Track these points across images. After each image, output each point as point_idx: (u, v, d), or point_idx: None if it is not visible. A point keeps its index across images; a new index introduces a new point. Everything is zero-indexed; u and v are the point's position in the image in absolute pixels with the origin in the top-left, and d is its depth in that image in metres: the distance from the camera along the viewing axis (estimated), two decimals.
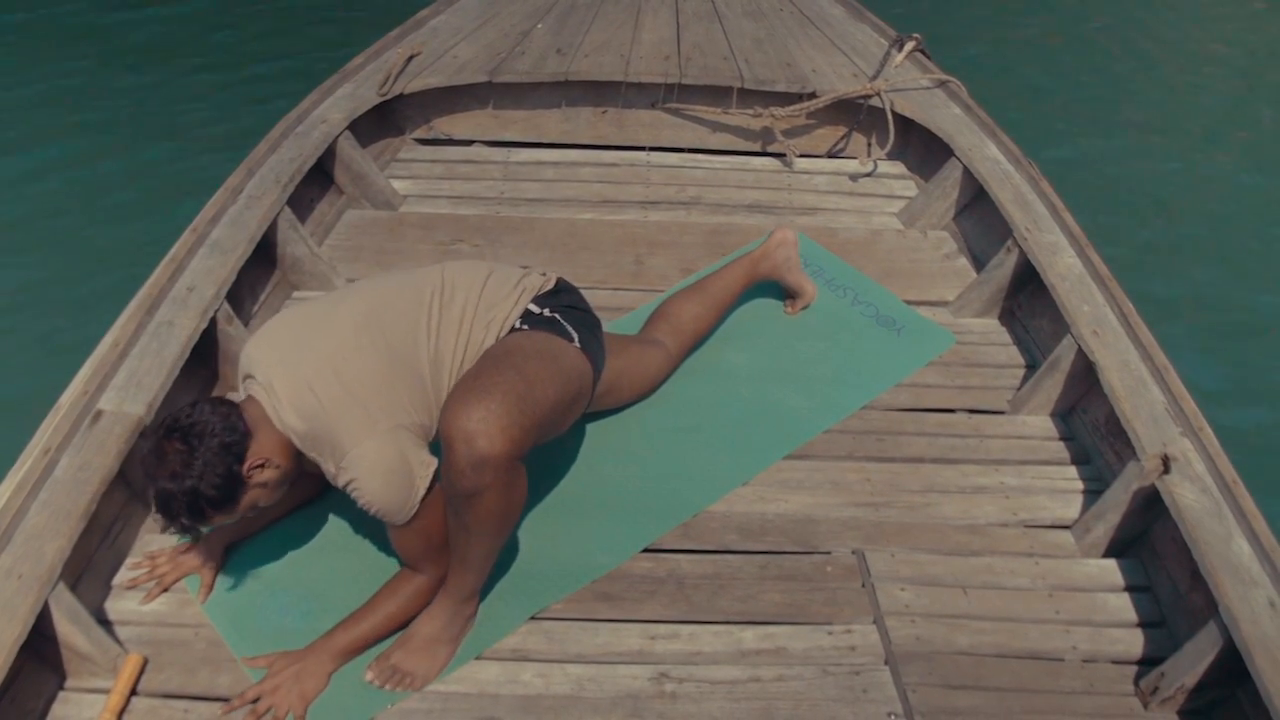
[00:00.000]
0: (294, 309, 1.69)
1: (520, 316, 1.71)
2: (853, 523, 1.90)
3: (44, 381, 2.05)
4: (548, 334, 1.69)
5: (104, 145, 4.29)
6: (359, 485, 1.52)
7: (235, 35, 5.28)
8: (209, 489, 1.47)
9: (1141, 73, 5.29)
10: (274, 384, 1.55)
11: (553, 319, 1.73)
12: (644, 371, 2.06)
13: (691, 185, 2.88)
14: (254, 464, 1.52)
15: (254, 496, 1.55)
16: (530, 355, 1.60)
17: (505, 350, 1.61)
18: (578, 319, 1.77)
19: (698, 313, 2.18)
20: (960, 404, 2.19)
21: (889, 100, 2.86)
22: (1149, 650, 1.69)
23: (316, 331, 1.59)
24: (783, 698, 1.60)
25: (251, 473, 1.52)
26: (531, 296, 1.75)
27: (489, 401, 1.45)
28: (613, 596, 1.76)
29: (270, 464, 1.54)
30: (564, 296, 1.81)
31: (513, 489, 1.51)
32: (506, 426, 1.44)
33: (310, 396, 1.53)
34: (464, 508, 1.50)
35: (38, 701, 1.54)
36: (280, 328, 1.64)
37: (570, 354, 1.70)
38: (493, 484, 1.46)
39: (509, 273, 1.78)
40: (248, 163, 2.50)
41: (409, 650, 1.61)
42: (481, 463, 1.43)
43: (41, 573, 1.53)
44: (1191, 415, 1.88)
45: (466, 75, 2.93)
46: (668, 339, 2.12)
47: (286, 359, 1.57)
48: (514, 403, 1.47)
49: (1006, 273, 2.39)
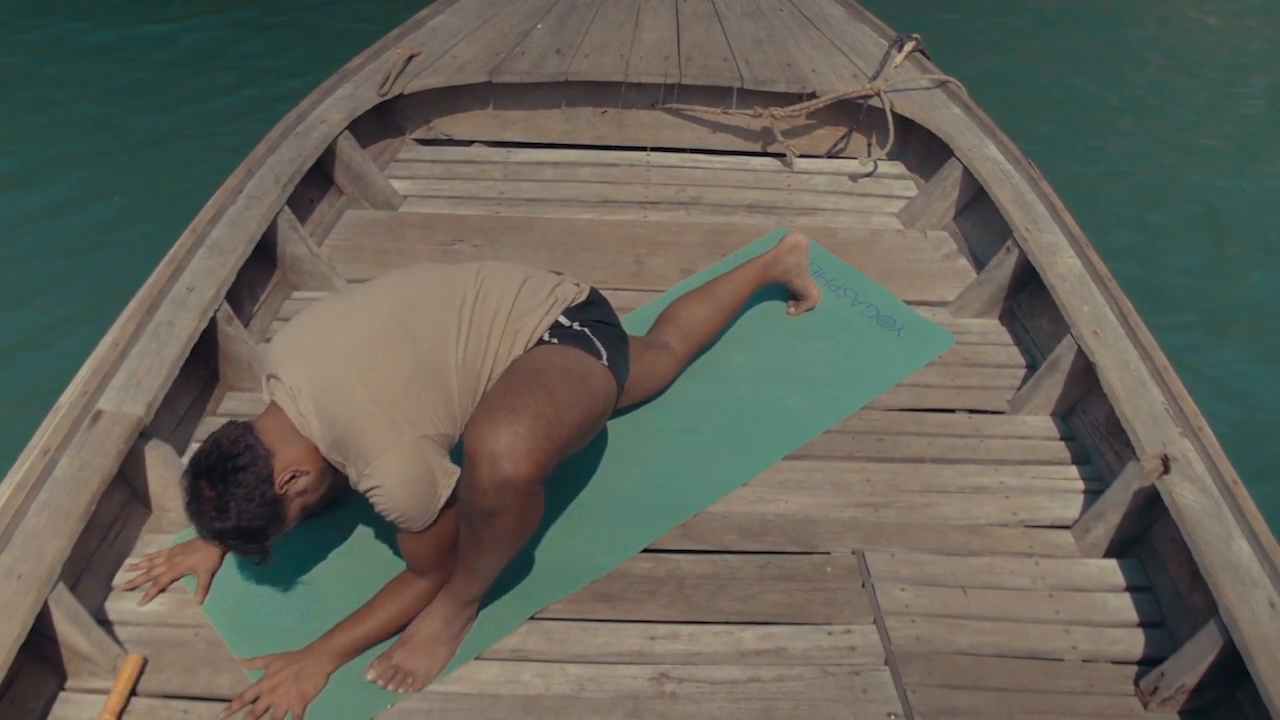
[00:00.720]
0: (321, 305, 1.66)
1: (550, 328, 1.69)
2: (853, 523, 1.90)
3: (43, 381, 2.06)
4: (578, 351, 1.67)
5: (103, 145, 4.29)
6: (382, 493, 1.51)
7: (235, 35, 5.28)
8: (251, 521, 1.49)
9: (1141, 72, 5.29)
10: (299, 388, 1.53)
11: (582, 334, 1.71)
12: (651, 376, 2.05)
13: (691, 185, 2.88)
14: (284, 479, 1.51)
15: (299, 505, 1.56)
16: (560, 376, 1.58)
17: (535, 368, 1.59)
18: (606, 334, 1.75)
19: (706, 316, 2.17)
20: (960, 404, 2.19)
21: (889, 100, 2.86)
22: (1149, 650, 1.69)
23: (343, 333, 1.57)
24: (783, 698, 1.60)
25: (286, 488, 1.51)
26: (563, 308, 1.73)
27: (518, 424, 1.44)
28: (612, 597, 1.76)
29: (301, 472, 1.53)
30: (594, 310, 1.79)
31: (530, 510, 1.51)
32: (532, 450, 1.44)
33: (335, 403, 1.51)
34: (481, 525, 1.49)
35: (37, 702, 1.54)
36: (307, 326, 1.61)
37: (598, 373, 1.67)
38: (513, 505, 1.46)
39: (543, 280, 1.75)
40: (247, 163, 2.50)
41: (409, 650, 1.61)
42: (505, 485, 1.43)
43: (41, 573, 1.53)
44: (1191, 415, 1.88)
45: (466, 75, 2.93)
46: (675, 343, 2.11)
47: (312, 361, 1.54)
48: (542, 426, 1.46)
49: (1006, 273, 2.39)
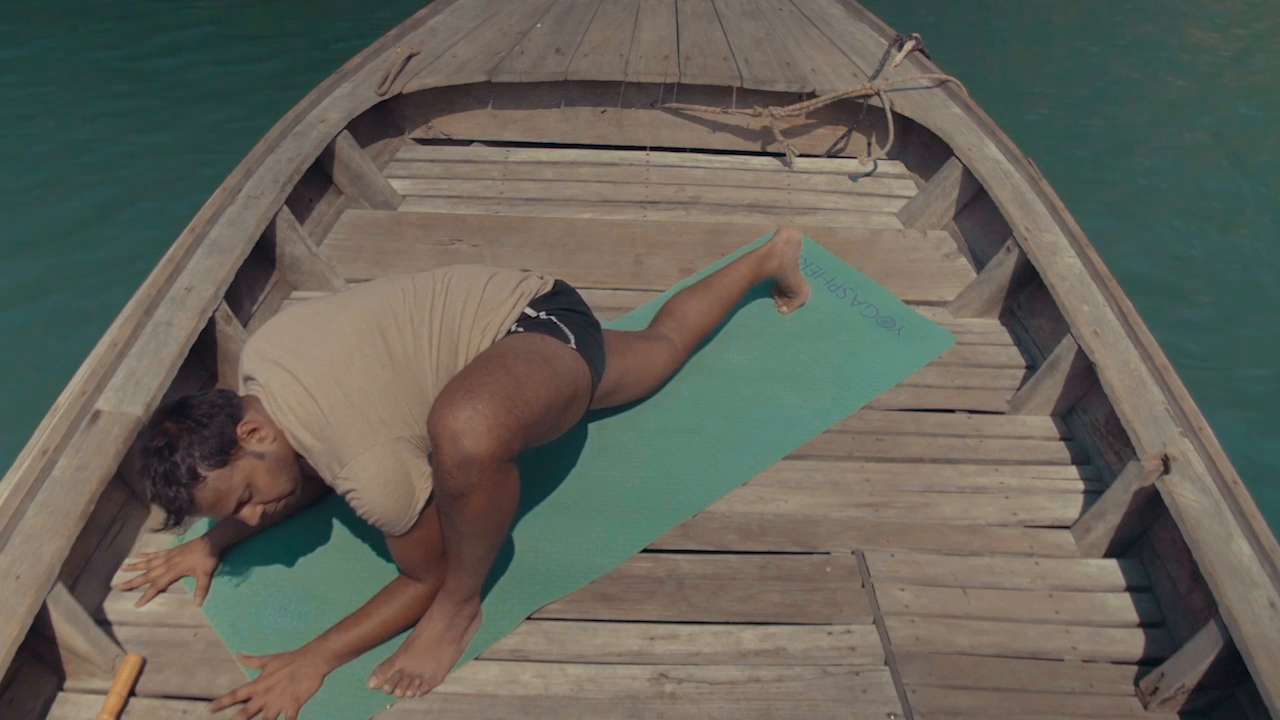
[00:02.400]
0: (295, 310, 1.67)
1: (516, 320, 1.70)
2: (852, 523, 1.90)
3: (42, 381, 2.05)
4: (543, 335, 1.68)
5: (102, 145, 4.29)
6: (359, 495, 1.52)
7: (234, 35, 5.28)
8: (201, 439, 1.45)
9: (1142, 71, 5.29)
10: (274, 390, 1.54)
11: (549, 321, 1.72)
12: (649, 368, 2.05)
13: (691, 185, 2.88)
14: (249, 427, 1.50)
15: (246, 468, 1.49)
16: (521, 356, 1.58)
17: (497, 352, 1.59)
18: (575, 321, 1.76)
19: (704, 308, 2.18)
20: (960, 404, 2.19)
21: (889, 100, 2.85)
22: (1149, 650, 1.69)
23: (319, 337, 1.58)
24: (782, 698, 1.60)
25: (246, 437, 1.49)
26: (529, 300, 1.75)
27: (475, 401, 1.43)
28: (612, 597, 1.76)
29: (265, 435, 1.51)
30: (561, 299, 1.80)
31: (501, 490, 1.49)
32: (493, 426, 1.43)
33: (311, 405, 1.52)
34: (453, 508, 1.49)
35: (36, 702, 1.53)
36: (282, 330, 1.62)
37: (565, 356, 1.68)
38: (479, 484, 1.44)
39: (508, 277, 1.78)
40: (246, 162, 2.50)
41: (413, 654, 1.61)
42: (467, 462, 1.42)
43: (40, 573, 1.53)
44: (1192, 415, 1.88)
45: (465, 75, 2.93)
46: (674, 334, 2.12)
47: (288, 364, 1.56)
48: (501, 402, 1.45)
49: (1006, 272, 2.39)
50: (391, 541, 1.60)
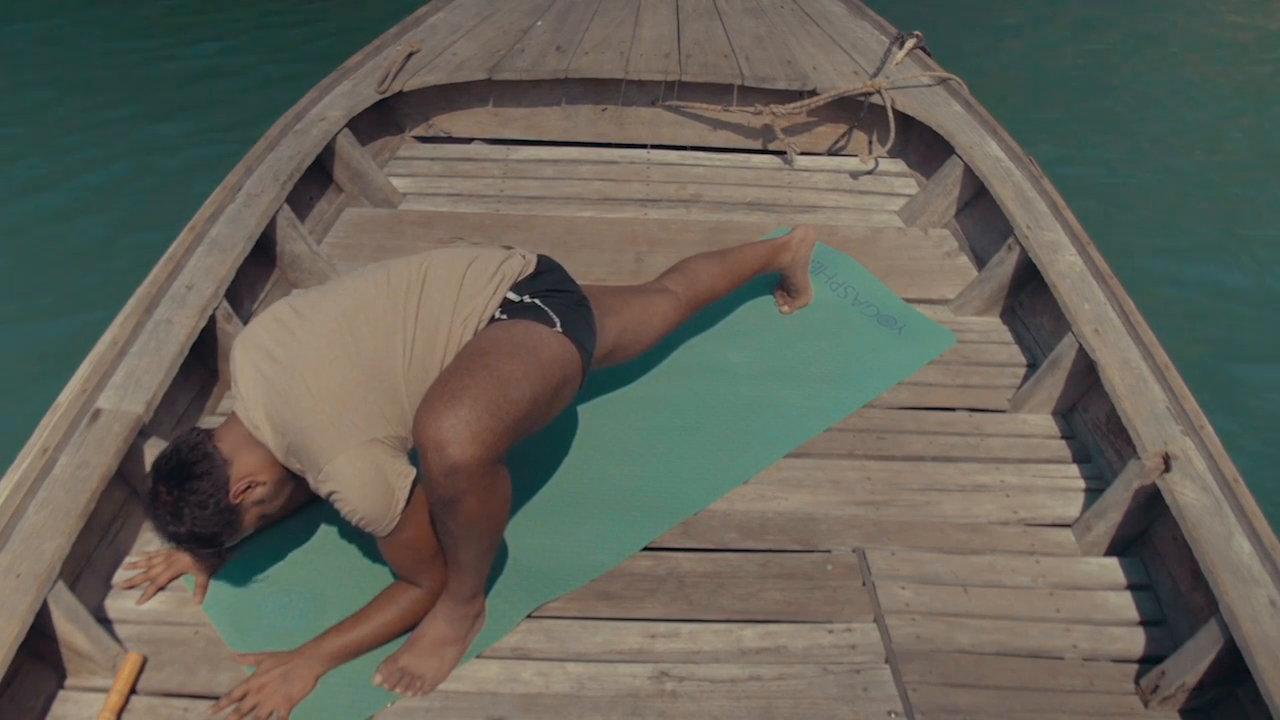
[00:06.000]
0: (275, 309, 1.65)
1: (499, 306, 1.67)
2: (853, 521, 1.90)
3: (42, 380, 2.05)
4: (527, 323, 1.64)
5: (102, 144, 4.29)
6: (339, 497, 1.52)
7: (234, 34, 5.28)
8: (205, 528, 1.53)
9: (1143, 70, 5.29)
10: (249, 397, 1.55)
11: (533, 305, 1.67)
12: (648, 324, 2.00)
13: (692, 183, 2.88)
14: (240, 489, 1.54)
15: (255, 514, 1.59)
16: (504, 352, 1.55)
17: (480, 349, 1.56)
18: (560, 301, 1.71)
19: (715, 272, 2.16)
20: (961, 402, 2.19)
21: (890, 98, 2.85)
22: (1149, 649, 1.69)
23: (293, 340, 1.57)
24: (783, 696, 1.60)
25: (241, 497, 1.55)
26: (510, 283, 1.70)
27: (458, 408, 1.42)
28: (613, 595, 1.76)
29: (257, 482, 1.56)
30: (545, 279, 1.75)
31: (492, 492, 1.48)
32: (477, 432, 1.41)
33: (285, 409, 1.52)
34: (445, 514, 1.48)
35: (37, 700, 1.54)
36: (259, 333, 1.61)
37: (551, 343, 1.63)
38: (469, 489, 1.44)
39: (488, 260, 1.73)
40: (246, 160, 2.50)
41: (416, 652, 1.61)
42: (454, 470, 1.41)
43: (40, 571, 1.53)
44: (1192, 413, 1.88)
45: (466, 73, 2.93)
46: (679, 289, 2.09)
47: (262, 369, 1.55)
48: (484, 406, 1.44)
49: (1007, 271, 2.39)
50: (381, 545, 1.60)
